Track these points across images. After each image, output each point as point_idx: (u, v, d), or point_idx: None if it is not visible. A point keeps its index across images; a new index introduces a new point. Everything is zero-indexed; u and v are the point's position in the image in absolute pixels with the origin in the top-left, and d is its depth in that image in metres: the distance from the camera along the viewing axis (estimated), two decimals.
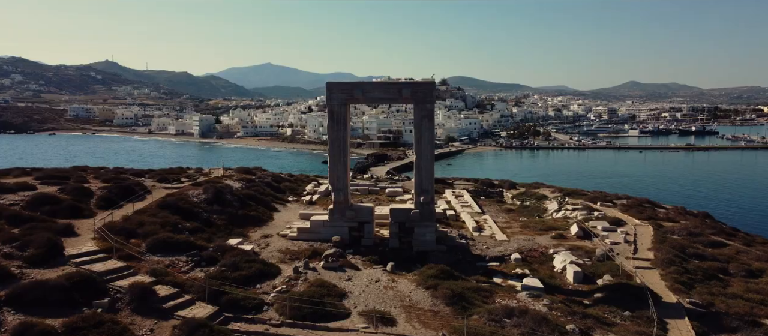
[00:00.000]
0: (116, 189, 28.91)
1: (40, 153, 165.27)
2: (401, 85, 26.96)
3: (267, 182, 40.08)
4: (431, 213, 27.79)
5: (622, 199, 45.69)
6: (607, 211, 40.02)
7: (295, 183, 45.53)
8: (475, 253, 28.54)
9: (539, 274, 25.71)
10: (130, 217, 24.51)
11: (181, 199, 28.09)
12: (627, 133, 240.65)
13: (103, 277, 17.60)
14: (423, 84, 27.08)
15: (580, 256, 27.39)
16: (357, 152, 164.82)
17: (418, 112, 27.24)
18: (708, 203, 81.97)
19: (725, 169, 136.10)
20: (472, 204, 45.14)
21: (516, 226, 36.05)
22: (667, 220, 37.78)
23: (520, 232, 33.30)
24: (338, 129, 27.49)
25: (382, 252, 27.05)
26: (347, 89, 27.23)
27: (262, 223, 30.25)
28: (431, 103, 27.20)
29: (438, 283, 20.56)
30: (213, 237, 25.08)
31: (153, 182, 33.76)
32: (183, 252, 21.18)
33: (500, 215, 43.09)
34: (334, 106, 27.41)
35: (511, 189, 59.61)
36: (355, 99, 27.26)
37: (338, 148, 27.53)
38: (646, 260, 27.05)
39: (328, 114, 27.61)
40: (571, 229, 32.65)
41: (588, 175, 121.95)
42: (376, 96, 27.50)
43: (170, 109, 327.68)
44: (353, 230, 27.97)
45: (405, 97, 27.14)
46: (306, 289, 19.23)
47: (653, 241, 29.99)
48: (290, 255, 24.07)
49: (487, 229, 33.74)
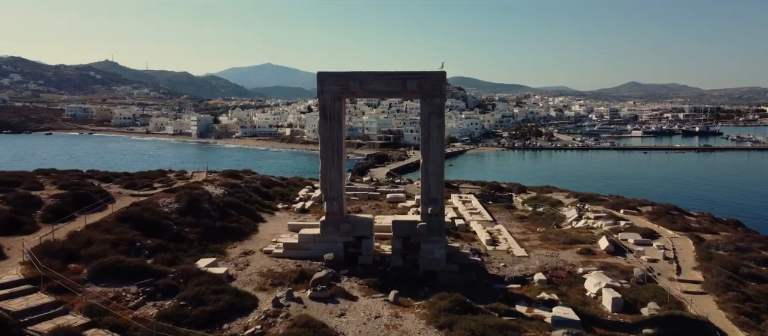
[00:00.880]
0: (71, 197, 24.77)
1: (32, 153, 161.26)
2: (406, 76, 22.81)
3: (254, 187, 35.88)
4: (440, 226, 23.64)
5: (646, 206, 41.53)
6: (634, 219, 35.86)
7: (287, 187, 41.34)
8: (492, 272, 24.43)
9: (569, 299, 21.62)
10: (78, 233, 20.34)
11: (147, 210, 23.98)
12: (630, 134, 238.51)
13: (19, 319, 13.53)
14: (432, 74, 22.94)
15: (616, 277, 23.26)
16: (356, 153, 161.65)
17: (425, 108, 23.11)
18: (727, 208, 77.83)
19: (735, 170, 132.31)
20: (482, 211, 41.00)
21: (534, 237, 31.89)
22: (702, 230, 33.60)
23: (541, 246, 29.15)
24: (332, 127, 23.38)
25: (383, 272, 22.95)
26: (342, 81, 23.10)
27: (243, 237, 26.07)
28: (441, 98, 23.07)
29: (453, 319, 16.45)
30: (180, 257, 20.91)
31: (120, 188, 29.63)
32: (135, 279, 16.96)
33: (513, 224, 38.95)
34: (326, 100, 23.30)
35: (521, 193, 55.46)
36: (352, 92, 23.14)
37: (331, 149, 23.42)
38: (695, 282, 22.92)
39: (319, 110, 23.50)
40: (600, 243, 28.49)
41: (594, 177, 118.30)
42: (375, 88, 23.35)
43: (169, 109, 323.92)
44: (349, 246, 23.84)
45: (410, 91, 23.01)
46: (286, 330, 15.12)
47: (697, 258, 25.83)
48: (272, 279, 19.95)
49: (503, 242, 29.60)
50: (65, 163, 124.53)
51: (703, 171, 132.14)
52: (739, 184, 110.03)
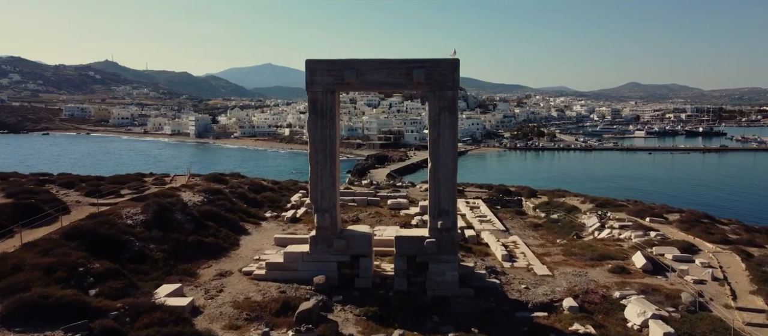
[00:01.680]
0: (11, 208, 20.97)
1: (24, 154, 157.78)
2: (412, 65, 19.08)
3: (240, 193, 32.07)
4: (453, 243, 19.88)
5: (673, 213, 37.79)
6: (664, 229, 32.14)
7: (278, 192, 37.52)
8: (512, 296, 20.70)
9: (609, 333, 17.94)
10: (5, 255, 16.59)
11: (104, 223, 20.24)
12: (633, 135, 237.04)
13: None
14: (443, 63, 19.22)
15: (661, 304, 19.49)
16: (356, 153, 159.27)
17: (434, 103, 19.38)
18: (746, 213, 74.13)
19: (743, 172, 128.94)
20: (492, 218, 37.31)
21: (555, 251, 28.09)
22: (744, 242, 29.77)
23: (564, 262, 25.40)
24: (324, 125, 19.65)
25: (384, 299, 19.23)
26: (336, 70, 19.37)
27: (221, 254, 22.27)
28: (453, 90, 19.35)
29: None
30: (137, 283, 17.14)
31: (80, 196, 25.89)
32: (65, 320, 13.05)
33: (528, 233, 35.26)
34: (317, 93, 19.58)
35: (532, 197, 51.79)
36: (347, 83, 19.39)
37: (323, 151, 19.68)
38: (758, 311, 19.17)
39: (309, 104, 19.79)
40: (634, 259, 24.74)
41: (599, 178, 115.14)
42: (375, 80, 19.58)
43: (168, 109, 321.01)
44: (344, 266, 20.08)
45: (417, 82, 19.27)
46: None
47: (752, 280, 22.08)
48: (247, 312, 16.20)
49: (521, 258, 25.86)
50: (43, 164, 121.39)
51: (711, 172, 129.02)
52: (751, 186, 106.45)
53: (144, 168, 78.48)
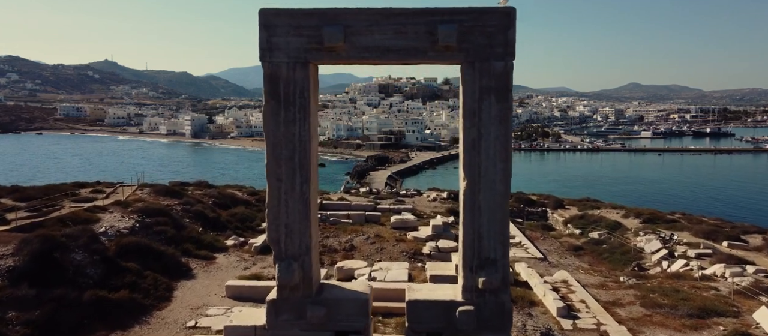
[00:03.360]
0: None
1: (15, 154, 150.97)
2: (436, 17, 11.25)
3: (197, 211, 24.22)
4: (503, 312, 11.99)
5: (751, 233, 30.11)
6: (756, 259, 24.46)
7: (253, 207, 29.70)
8: None
9: None
10: None
11: None
12: (639, 135, 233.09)
13: None
14: (488, 13, 11.36)
15: None
16: (356, 154, 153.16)
17: (473, 80, 11.59)
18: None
19: (760, 176, 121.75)
20: (524, 241, 29.73)
21: (626, 297, 19.98)
22: None
23: (647, 319, 17.48)
24: (290, 118, 11.86)
25: None
26: (310, 27, 11.53)
27: (135, 318, 14.19)
28: (506, 60, 11.52)
29: None
30: None
31: None
32: None
33: (570, 261, 27.62)
34: (278, 66, 11.84)
35: (559, 209, 44.27)
36: (328, 49, 11.54)
37: (290, 162, 11.88)
38: None
39: (264, 85, 12.07)
40: (758, 318, 16.94)
41: (610, 181, 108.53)
42: (375, 42, 11.67)
43: (167, 109, 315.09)
44: None
45: (443, 46, 11.41)
46: None
47: None
48: None
49: (583, 311, 18.03)
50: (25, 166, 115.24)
51: (728, 174, 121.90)
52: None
53: (112, 174, 70.74)
